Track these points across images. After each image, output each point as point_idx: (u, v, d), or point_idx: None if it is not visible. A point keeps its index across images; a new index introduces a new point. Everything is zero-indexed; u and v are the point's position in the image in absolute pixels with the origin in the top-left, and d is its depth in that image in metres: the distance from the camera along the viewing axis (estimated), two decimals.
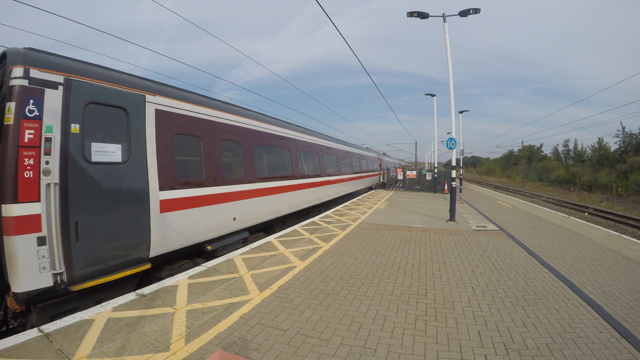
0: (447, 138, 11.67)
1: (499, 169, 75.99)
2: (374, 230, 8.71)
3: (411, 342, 3.24)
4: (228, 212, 6.88)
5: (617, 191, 32.48)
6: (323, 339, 3.28)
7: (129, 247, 4.67)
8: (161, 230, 5.13)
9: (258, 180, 8.14)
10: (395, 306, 4.07)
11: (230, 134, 7.24)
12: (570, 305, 4.11)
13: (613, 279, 5.05)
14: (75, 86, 4.15)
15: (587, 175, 39.86)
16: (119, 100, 4.68)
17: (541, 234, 8.44)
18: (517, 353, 3.04)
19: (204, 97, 6.94)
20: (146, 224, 4.91)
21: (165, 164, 5.30)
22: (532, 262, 5.93)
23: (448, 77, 10.94)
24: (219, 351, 3.03)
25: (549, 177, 47.46)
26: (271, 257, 6.06)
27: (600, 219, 17.72)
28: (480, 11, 10.59)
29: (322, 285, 4.74)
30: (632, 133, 40.17)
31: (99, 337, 3.20)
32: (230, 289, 4.50)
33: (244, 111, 8.32)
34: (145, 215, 4.91)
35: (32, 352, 2.93)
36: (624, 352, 3.06)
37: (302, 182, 11.18)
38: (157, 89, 5.50)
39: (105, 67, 4.86)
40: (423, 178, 22.95)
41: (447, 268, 5.56)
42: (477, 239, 7.78)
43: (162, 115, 5.40)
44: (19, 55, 3.80)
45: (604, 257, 6.27)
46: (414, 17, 11.45)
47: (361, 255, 6.30)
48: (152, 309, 3.83)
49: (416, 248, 6.89)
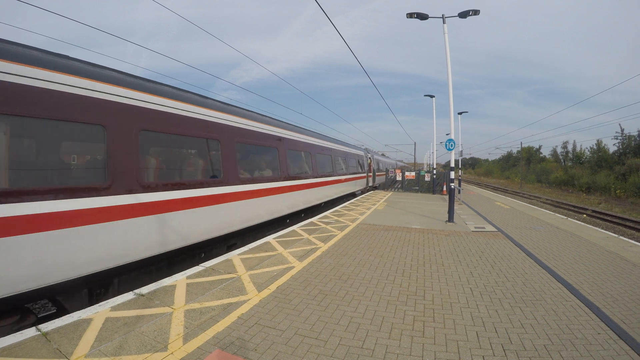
0: (446, 139, 11.70)
1: (497, 171, 76.14)
2: (373, 231, 8.71)
3: (409, 343, 3.24)
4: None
5: (615, 193, 32.57)
6: (321, 339, 3.28)
7: None
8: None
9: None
10: (394, 307, 4.07)
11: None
12: (568, 306, 4.12)
13: (611, 281, 5.06)
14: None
15: (586, 177, 39.97)
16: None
17: (539, 236, 8.45)
18: (514, 354, 3.05)
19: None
20: None
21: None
22: (530, 264, 5.95)
23: (447, 78, 10.96)
24: (217, 351, 3.03)
25: (548, 179, 47.56)
26: (269, 257, 6.05)
27: (598, 220, 17.77)
28: (480, 12, 10.63)
29: (320, 285, 4.74)
30: (631, 135, 40.39)
31: (97, 337, 3.19)
32: (229, 289, 4.50)
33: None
34: None
35: (30, 351, 2.92)
36: (621, 353, 3.07)
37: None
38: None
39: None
40: (422, 179, 22.95)
41: (445, 269, 5.57)
42: (476, 240, 7.79)
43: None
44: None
45: (602, 259, 6.29)
46: (413, 18, 11.48)
47: (359, 256, 6.30)
48: (150, 309, 3.82)
49: (414, 249, 6.89)
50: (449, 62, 10.93)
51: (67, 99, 4.22)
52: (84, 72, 4.56)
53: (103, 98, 4.69)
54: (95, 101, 4.57)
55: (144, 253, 5.15)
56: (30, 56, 4.01)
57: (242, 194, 7.61)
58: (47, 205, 3.87)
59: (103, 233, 4.49)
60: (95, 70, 4.80)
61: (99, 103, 4.63)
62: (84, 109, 4.43)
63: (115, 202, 4.69)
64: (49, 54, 4.35)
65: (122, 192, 4.81)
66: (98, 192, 4.49)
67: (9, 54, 3.77)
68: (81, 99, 4.40)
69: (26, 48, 4.11)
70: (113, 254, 4.66)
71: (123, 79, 5.20)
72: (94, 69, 4.84)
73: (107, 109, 4.73)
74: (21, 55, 3.91)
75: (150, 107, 5.45)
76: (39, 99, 3.93)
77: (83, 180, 4.57)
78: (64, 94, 4.19)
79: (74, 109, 4.31)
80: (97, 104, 4.60)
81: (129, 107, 5.06)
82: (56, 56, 4.42)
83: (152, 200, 5.30)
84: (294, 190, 10.85)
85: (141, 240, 5.11)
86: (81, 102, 4.40)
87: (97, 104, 4.60)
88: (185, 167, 6.66)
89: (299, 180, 11.29)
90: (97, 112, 4.60)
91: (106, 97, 4.73)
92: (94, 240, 4.39)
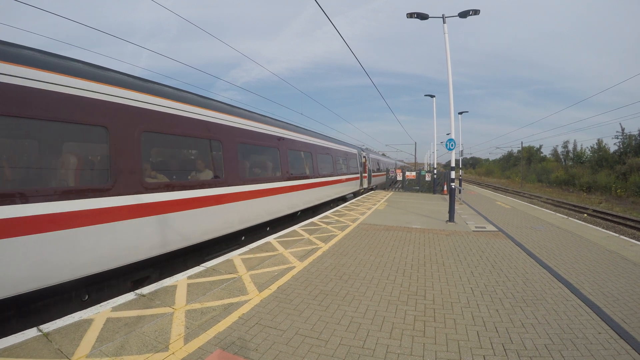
0: (447, 139, 11.69)
1: (498, 170, 76.04)
2: (373, 231, 8.71)
3: (410, 343, 3.24)
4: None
5: (616, 192, 32.50)
6: (322, 339, 3.28)
7: None
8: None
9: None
10: (394, 307, 4.07)
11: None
12: (569, 306, 4.12)
13: (612, 280, 5.06)
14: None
15: (587, 176, 39.90)
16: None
17: (540, 235, 8.45)
18: (515, 354, 3.05)
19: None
20: None
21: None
22: (531, 263, 5.94)
23: (447, 77, 10.96)
24: (218, 351, 3.03)
25: (548, 178, 47.49)
26: (270, 257, 6.06)
27: (599, 220, 17.75)
28: (480, 12, 10.62)
29: (321, 285, 4.74)
30: (632, 134, 40.28)
31: (98, 337, 3.19)
32: (229, 289, 4.50)
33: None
34: None
35: (31, 351, 2.93)
36: (622, 353, 3.07)
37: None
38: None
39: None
40: (422, 179, 22.95)
41: (446, 269, 5.56)
42: (476, 240, 7.79)
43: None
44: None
45: (603, 258, 6.28)
46: (413, 18, 11.47)
47: (360, 255, 6.30)
48: (151, 309, 3.83)
49: (415, 249, 6.89)
50: (449, 62, 10.93)
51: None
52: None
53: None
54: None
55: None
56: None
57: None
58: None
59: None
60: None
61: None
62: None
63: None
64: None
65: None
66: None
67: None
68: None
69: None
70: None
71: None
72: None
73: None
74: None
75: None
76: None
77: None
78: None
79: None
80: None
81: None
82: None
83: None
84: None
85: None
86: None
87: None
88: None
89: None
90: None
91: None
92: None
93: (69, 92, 4.21)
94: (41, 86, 3.93)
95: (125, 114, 4.95)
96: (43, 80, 3.95)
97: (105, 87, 4.73)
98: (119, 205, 4.71)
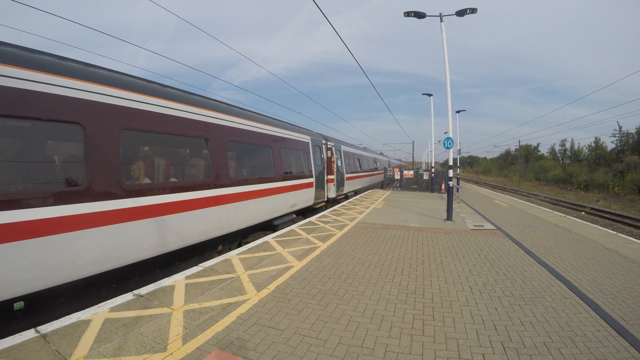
0: (444, 138, 11.70)
1: (496, 169, 76.22)
2: (372, 229, 8.71)
3: (409, 342, 3.24)
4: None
5: (613, 190, 32.63)
6: (320, 339, 3.27)
7: None
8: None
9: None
10: (393, 305, 4.07)
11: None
12: (568, 303, 4.13)
13: (610, 278, 5.07)
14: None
15: (584, 174, 40.03)
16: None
17: (538, 233, 8.47)
18: (514, 352, 3.05)
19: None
20: None
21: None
22: (529, 261, 5.95)
23: (445, 76, 10.96)
24: (216, 351, 3.02)
25: (546, 177, 47.65)
26: (268, 257, 6.04)
27: (597, 217, 17.82)
28: (477, 11, 10.62)
29: (319, 284, 4.74)
30: (629, 132, 40.46)
31: (96, 338, 3.18)
32: (228, 289, 4.49)
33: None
34: None
35: (29, 353, 2.90)
36: (621, 350, 3.07)
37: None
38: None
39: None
40: (420, 178, 22.95)
41: (444, 267, 5.57)
42: (475, 238, 7.80)
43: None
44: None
45: (601, 256, 6.30)
46: (411, 17, 11.46)
47: (359, 254, 6.29)
48: (149, 309, 3.81)
49: (413, 247, 6.89)
50: (447, 60, 10.92)
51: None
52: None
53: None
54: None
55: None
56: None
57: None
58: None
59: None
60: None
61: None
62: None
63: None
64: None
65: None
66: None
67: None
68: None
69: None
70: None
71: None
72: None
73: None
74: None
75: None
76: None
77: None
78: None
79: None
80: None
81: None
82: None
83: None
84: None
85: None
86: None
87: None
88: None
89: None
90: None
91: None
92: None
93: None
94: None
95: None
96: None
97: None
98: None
